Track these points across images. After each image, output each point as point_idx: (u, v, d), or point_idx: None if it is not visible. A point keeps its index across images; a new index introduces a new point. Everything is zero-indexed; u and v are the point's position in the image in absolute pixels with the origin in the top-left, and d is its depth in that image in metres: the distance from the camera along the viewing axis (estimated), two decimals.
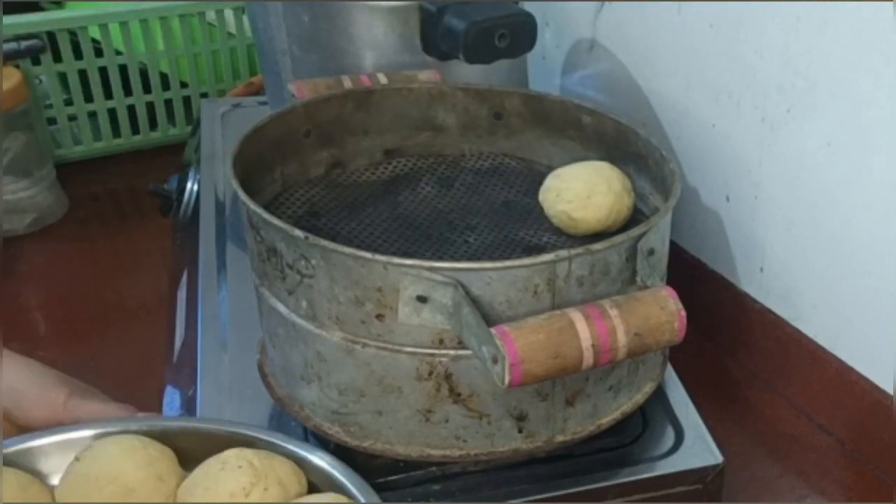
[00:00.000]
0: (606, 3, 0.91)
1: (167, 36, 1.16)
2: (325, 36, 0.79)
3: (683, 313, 0.54)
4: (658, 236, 0.59)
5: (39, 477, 0.59)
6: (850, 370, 0.72)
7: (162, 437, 0.60)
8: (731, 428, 0.75)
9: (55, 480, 0.59)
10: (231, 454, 0.57)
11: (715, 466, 0.64)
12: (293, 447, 0.59)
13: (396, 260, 0.53)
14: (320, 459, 0.58)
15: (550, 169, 0.70)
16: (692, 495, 0.63)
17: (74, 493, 0.57)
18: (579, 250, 0.55)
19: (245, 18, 1.19)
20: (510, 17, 0.74)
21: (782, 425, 0.77)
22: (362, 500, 0.55)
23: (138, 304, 0.96)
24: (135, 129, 1.20)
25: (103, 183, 1.16)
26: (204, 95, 1.19)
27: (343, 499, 0.56)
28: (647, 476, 0.63)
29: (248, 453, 0.57)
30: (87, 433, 0.61)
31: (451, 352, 0.55)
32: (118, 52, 1.14)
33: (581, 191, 0.66)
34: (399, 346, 0.56)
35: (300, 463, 0.58)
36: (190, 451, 0.60)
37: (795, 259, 0.75)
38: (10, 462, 0.58)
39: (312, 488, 0.58)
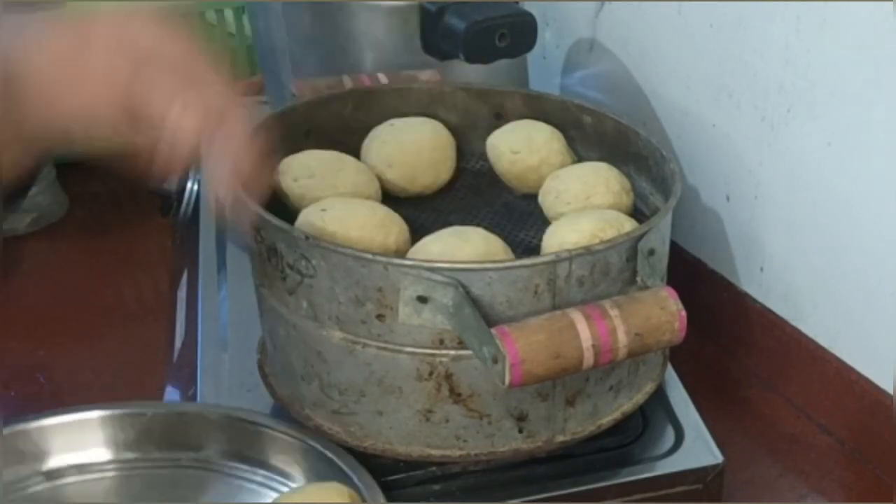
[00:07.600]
0: (606, 3, 0.91)
1: None
2: (326, 36, 0.79)
3: (684, 313, 0.54)
4: (658, 236, 0.59)
5: (40, 457, 0.60)
6: (850, 370, 0.72)
7: (178, 420, 0.61)
8: (731, 428, 0.75)
9: (55, 461, 0.59)
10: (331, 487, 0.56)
11: (715, 466, 0.64)
12: (300, 437, 0.60)
13: (397, 260, 0.54)
14: (331, 453, 0.59)
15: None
16: (692, 495, 0.63)
17: None
18: (580, 250, 0.55)
19: (245, 18, 1.18)
20: (510, 17, 0.74)
21: (782, 425, 0.76)
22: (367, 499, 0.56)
23: (138, 304, 0.96)
24: None
25: (103, 183, 1.16)
26: None
27: (344, 489, 0.56)
28: (647, 476, 0.63)
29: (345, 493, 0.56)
30: (92, 415, 0.61)
31: (452, 352, 0.55)
32: None
33: (580, 192, 0.66)
34: (399, 346, 0.56)
35: (306, 454, 0.59)
36: (203, 435, 0.61)
37: (795, 259, 0.75)
38: (11, 442, 0.58)
39: None
